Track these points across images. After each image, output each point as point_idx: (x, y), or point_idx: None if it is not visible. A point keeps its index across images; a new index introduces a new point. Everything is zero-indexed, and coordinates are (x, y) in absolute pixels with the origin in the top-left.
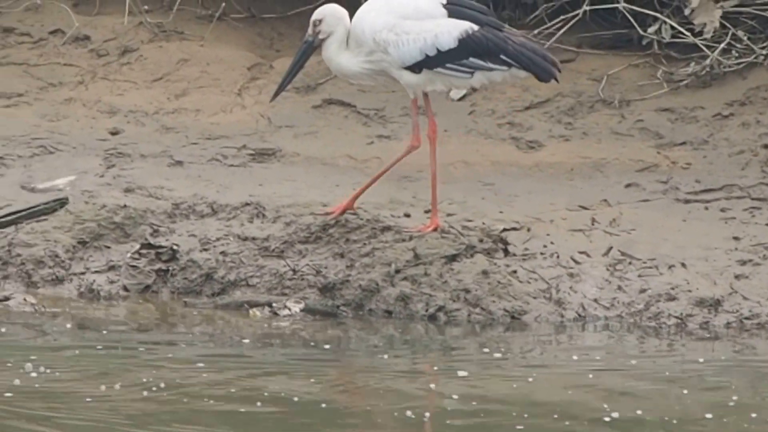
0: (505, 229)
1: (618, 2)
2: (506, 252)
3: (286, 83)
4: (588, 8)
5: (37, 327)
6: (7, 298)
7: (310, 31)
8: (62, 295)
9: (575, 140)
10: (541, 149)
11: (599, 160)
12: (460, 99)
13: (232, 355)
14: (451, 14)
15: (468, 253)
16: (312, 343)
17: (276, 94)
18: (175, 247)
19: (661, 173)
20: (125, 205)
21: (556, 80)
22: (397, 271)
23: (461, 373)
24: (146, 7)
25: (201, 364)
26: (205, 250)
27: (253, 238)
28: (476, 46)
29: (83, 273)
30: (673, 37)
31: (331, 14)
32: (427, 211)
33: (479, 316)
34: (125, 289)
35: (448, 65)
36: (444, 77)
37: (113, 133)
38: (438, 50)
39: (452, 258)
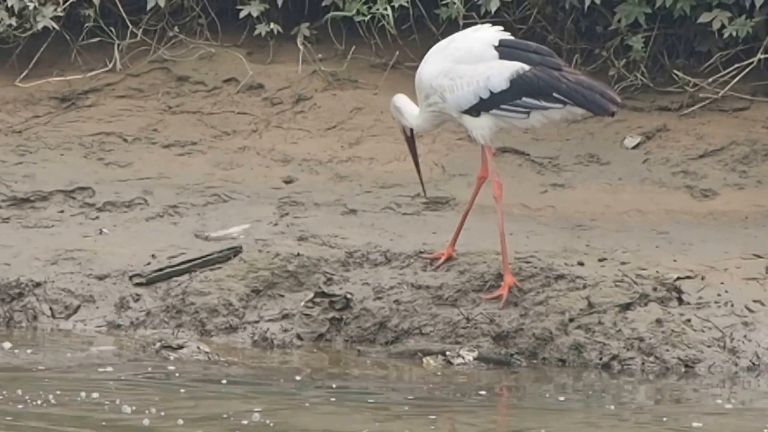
0: (679, 278)
1: None
2: (680, 300)
3: (420, 176)
4: (762, 56)
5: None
6: (181, 347)
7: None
8: (236, 343)
9: (750, 188)
10: (715, 197)
11: None
12: (634, 147)
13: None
14: (503, 56)
15: (642, 301)
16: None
17: (423, 189)
18: (348, 296)
19: None
20: (299, 254)
21: (612, 115)
22: (571, 320)
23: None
24: (320, 55)
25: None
26: (379, 298)
27: (427, 287)
28: (528, 86)
29: (257, 321)
30: None
31: (394, 108)
32: (601, 260)
33: (653, 364)
34: (299, 337)
35: (502, 106)
36: (502, 119)
37: (287, 182)
38: (491, 92)
39: (626, 306)
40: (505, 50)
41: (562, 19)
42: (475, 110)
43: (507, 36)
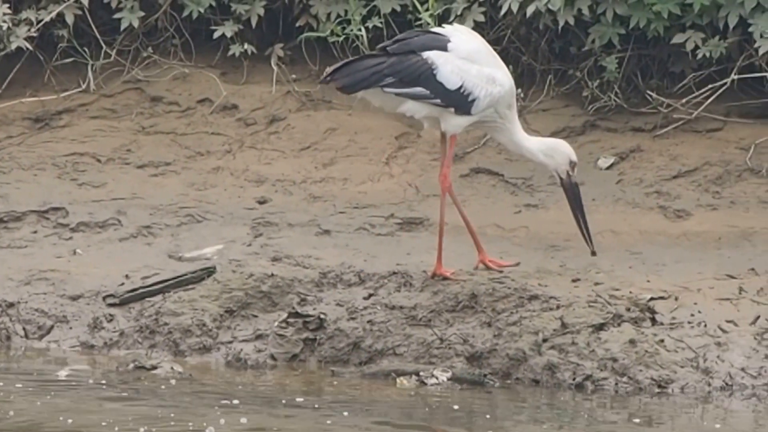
0: (652, 298)
1: (766, 71)
2: (653, 321)
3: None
4: (736, 77)
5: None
6: (154, 367)
7: (574, 173)
8: (209, 364)
9: (723, 209)
10: (688, 218)
11: (747, 229)
12: (608, 168)
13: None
14: None
15: (615, 322)
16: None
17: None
18: (322, 316)
19: None
20: (272, 274)
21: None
22: (545, 340)
23: None
24: (294, 76)
25: None
26: (353, 319)
27: (401, 307)
28: None
29: (230, 342)
30: None
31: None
32: (574, 280)
33: (626, 385)
34: (272, 357)
35: None
36: None
37: (261, 202)
38: None
39: (599, 327)
40: None
41: (536, 39)
42: None
43: None
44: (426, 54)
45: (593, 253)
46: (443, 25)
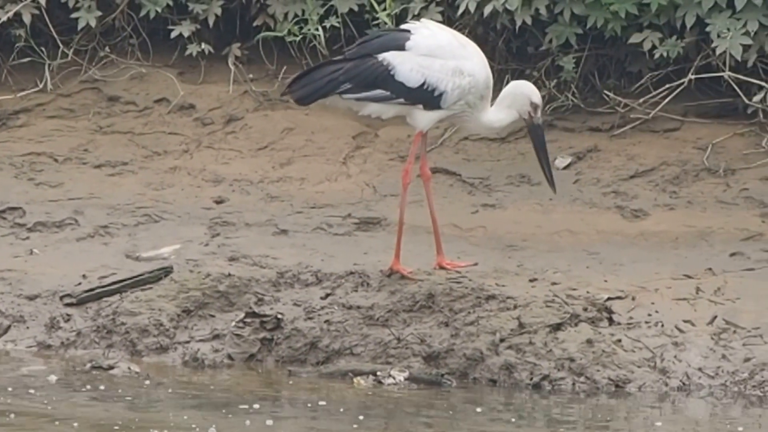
0: (609, 298)
1: (723, 71)
2: (611, 321)
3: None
4: (693, 77)
5: None
6: (111, 367)
7: (537, 114)
8: (166, 363)
9: (680, 209)
10: (646, 218)
11: (704, 229)
12: (565, 168)
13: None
14: None
15: (573, 321)
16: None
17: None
18: (279, 316)
19: (765, 242)
20: (230, 274)
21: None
22: (502, 340)
23: None
24: (251, 75)
25: None
26: (310, 318)
27: (358, 307)
28: None
29: (188, 342)
30: None
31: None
32: (532, 280)
33: (583, 384)
34: (230, 357)
35: None
36: None
37: (218, 202)
38: None
39: (557, 327)
40: None
41: (494, 39)
42: None
43: None
44: (382, 56)
45: (555, 192)
46: (412, 20)
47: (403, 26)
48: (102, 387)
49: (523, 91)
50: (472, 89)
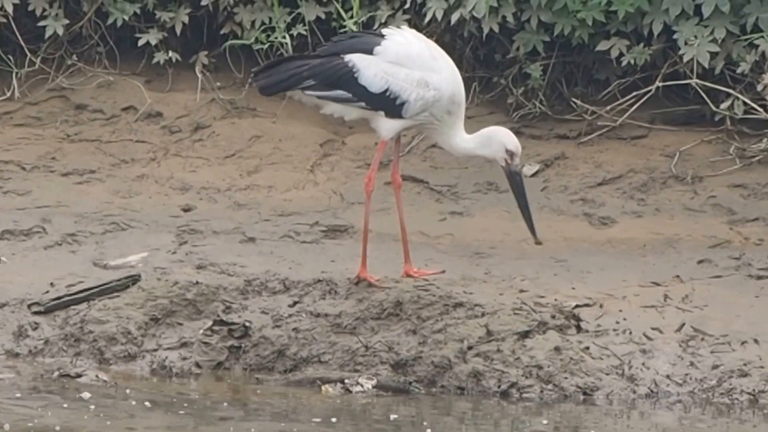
0: (577, 306)
1: (690, 79)
2: (579, 328)
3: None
4: (660, 84)
5: None
6: (79, 375)
7: (515, 161)
8: (134, 372)
9: (648, 216)
10: (613, 225)
11: (672, 236)
12: (533, 175)
13: None
14: None
15: (540, 329)
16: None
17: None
18: (247, 324)
19: (733, 249)
20: (197, 282)
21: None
22: (470, 348)
23: None
24: (218, 83)
25: None
26: (278, 326)
27: (326, 315)
28: None
29: (155, 350)
30: (745, 113)
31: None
32: (499, 287)
33: (551, 392)
34: (198, 365)
35: None
36: None
37: (185, 210)
38: None
39: (525, 334)
40: None
41: (461, 47)
42: None
43: None
44: (348, 57)
45: (538, 243)
46: (390, 27)
47: (381, 30)
48: (69, 395)
49: (499, 138)
50: (437, 103)
